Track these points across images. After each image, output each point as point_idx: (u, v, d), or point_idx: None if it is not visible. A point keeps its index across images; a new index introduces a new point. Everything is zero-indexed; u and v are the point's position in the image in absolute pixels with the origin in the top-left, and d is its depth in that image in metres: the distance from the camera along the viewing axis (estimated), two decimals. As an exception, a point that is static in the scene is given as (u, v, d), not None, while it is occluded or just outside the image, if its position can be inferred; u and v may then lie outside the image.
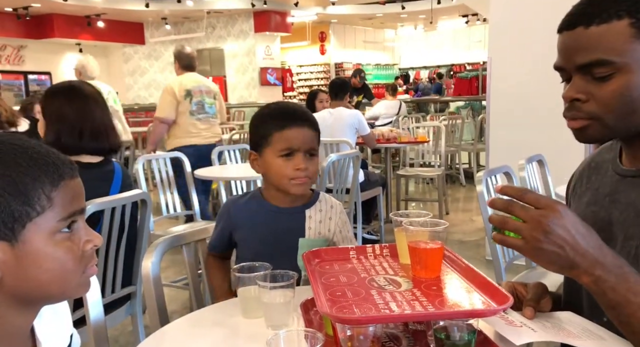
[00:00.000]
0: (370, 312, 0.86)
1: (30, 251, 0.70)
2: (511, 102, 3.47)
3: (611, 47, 0.83)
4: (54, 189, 0.71)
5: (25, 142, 0.73)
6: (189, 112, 4.05)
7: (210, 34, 14.40)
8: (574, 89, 0.88)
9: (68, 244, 0.73)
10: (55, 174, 0.72)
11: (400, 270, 1.08)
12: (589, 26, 0.85)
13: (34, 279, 0.71)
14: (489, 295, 0.90)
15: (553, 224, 0.76)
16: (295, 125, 1.34)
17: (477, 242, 4.12)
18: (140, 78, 15.03)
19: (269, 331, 1.02)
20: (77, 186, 0.75)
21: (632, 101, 0.84)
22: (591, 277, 0.78)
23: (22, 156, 0.70)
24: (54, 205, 0.71)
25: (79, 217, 0.75)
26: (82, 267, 0.75)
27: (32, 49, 13.37)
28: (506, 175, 2.18)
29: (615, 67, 0.84)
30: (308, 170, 1.34)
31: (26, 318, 0.77)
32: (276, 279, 1.06)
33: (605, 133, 0.89)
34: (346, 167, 3.26)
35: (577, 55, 0.87)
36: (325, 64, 17.29)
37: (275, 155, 1.34)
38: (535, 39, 3.22)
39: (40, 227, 0.70)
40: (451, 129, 6.53)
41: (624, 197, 0.91)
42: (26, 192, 0.69)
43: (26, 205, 0.69)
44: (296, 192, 1.36)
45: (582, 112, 0.88)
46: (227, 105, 11.33)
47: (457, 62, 17.53)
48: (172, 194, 3.15)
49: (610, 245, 0.91)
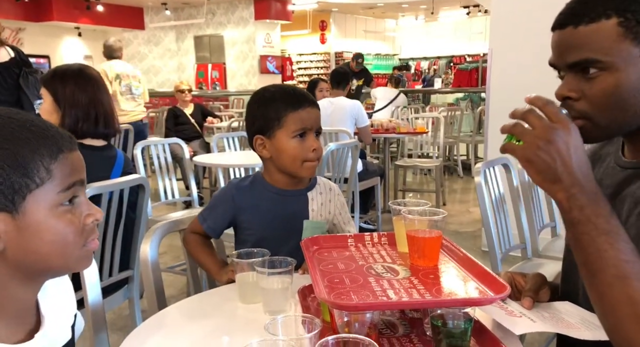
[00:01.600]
0: (368, 299, 0.87)
1: (31, 223, 0.71)
2: (511, 94, 3.44)
3: (599, 46, 0.84)
4: (52, 161, 0.72)
5: (23, 116, 0.73)
6: (119, 93, 4.95)
7: (210, 20, 14.31)
8: (566, 87, 0.89)
9: (69, 216, 0.74)
10: (54, 146, 0.73)
11: (398, 258, 1.09)
12: (577, 26, 0.86)
13: (35, 251, 0.72)
14: (486, 284, 0.91)
15: (558, 137, 0.80)
16: (306, 106, 1.34)
17: (474, 234, 4.13)
18: (139, 63, 14.92)
19: (266, 316, 1.03)
20: (76, 158, 0.76)
21: (622, 100, 0.85)
22: (566, 194, 0.81)
23: (21, 129, 0.71)
24: (53, 177, 0.72)
25: (79, 191, 0.76)
26: (82, 241, 0.76)
27: (31, 32, 13.25)
28: (504, 167, 2.18)
29: (603, 66, 0.84)
30: (318, 150, 1.35)
31: (30, 291, 0.78)
32: (274, 265, 1.07)
33: (599, 134, 0.90)
34: (345, 157, 3.26)
35: (567, 54, 0.88)
36: (325, 53, 17.21)
37: (289, 136, 1.33)
38: (537, 32, 3.20)
39: (41, 199, 0.71)
40: (450, 121, 6.53)
41: (624, 189, 0.92)
42: (25, 164, 0.70)
43: (25, 177, 0.70)
44: (307, 175, 1.37)
45: (574, 110, 0.89)
46: (225, 93, 11.29)
47: (457, 53, 17.46)
48: (170, 180, 3.15)
49: None
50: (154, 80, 15.10)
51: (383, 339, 0.92)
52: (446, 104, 9.88)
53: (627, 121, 0.87)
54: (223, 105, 9.27)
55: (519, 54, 3.38)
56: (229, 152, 3.63)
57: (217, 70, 14.51)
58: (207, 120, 5.40)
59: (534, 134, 0.82)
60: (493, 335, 0.90)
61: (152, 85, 14.55)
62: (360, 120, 4.07)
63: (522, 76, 3.36)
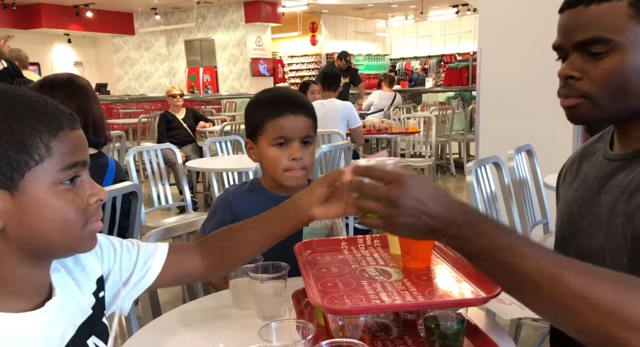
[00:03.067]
0: (361, 302, 0.87)
1: (31, 200, 0.69)
2: (501, 92, 3.49)
3: (610, 25, 0.85)
4: (52, 139, 0.70)
5: (22, 92, 0.72)
6: None
7: (200, 24, 14.30)
8: (570, 66, 0.90)
9: (70, 195, 0.72)
10: (54, 123, 0.71)
11: (391, 260, 1.09)
12: (589, 5, 0.86)
13: (36, 229, 0.71)
14: (477, 284, 0.92)
15: (402, 197, 0.76)
16: (288, 113, 1.29)
17: (468, 232, 4.15)
18: (130, 69, 14.92)
19: (261, 321, 1.03)
20: (77, 137, 0.74)
21: (625, 81, 0.86)
22: (448, 236, 0.78)
23: (19, 105, 0.70)
24: (52, 155, 0.70)
25: (81, 170, 0.74)
26: (85, 220, 0.74)
27: (20, 39, 13.08)
28: (495, 165, 2.20)
29: (611, 46, 0.85)
30: (303, 160, 1.31)
31: (38, 270, 0.76)
32: (268, 270, 1.07)
33: (596, 113, 0.90)
34: (337, 158, 3.27)
35: (575, 32, 0.88)
36: (316, 55, 17.23)
37: (269, 144, 1.31)
38: (525, 30, 3.24)
39: (40, 177, 0.69)
40: (442, 120, 6.55)
41: (611, 180, 0.92)
42: (23, 140, 0.68)
43: (24, 153, 0.68)
44: (290, 184, 1.33)
45: (575, 89, 0.90)
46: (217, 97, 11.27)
47: (447, 52, 17.53)
48: (163, 185, 3.15)
49: (595, 226, 0.92)
50: (145, 85, 15.07)
51: (377, 341, 0.93)
52: (438, 103, 9.91)
53: (627, 103, 0.88)
54: (215, 109, 9.27)
55: (508, 52, 3.40)
56: (221, 156, 3.62)
57: (208, 74, 14.50)
58: (199, 125, 5.39)
59: (382, 206, 0.77)
60: (486, 335, 0.90)
61: (143, 90, 14.53)
62: (353, 121, 4.09)
63: (512, 74, 3.39)
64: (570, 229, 1.00)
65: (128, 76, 14.89)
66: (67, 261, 0.84)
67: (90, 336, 0.81)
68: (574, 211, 0.99)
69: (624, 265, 0.87)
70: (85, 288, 0.85)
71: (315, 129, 1.36)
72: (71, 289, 0.82)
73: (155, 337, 1.02)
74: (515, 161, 2.26)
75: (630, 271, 0.84)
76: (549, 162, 2.09)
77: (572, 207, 1.00)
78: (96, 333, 0.83)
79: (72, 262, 0.85)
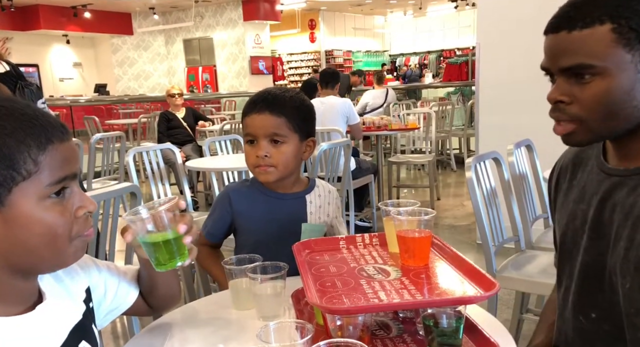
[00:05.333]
0: (360, 302, 0.87)
1: (18, 215, 0.68)
2: (500, 87, 3.48)
3: (592, 51, 0.84)
4: (40, 153, 0.69)
5: (13, 104, 0.70)
6: None
7: (199, 23, 14.29)
8: (558, 91, 0.90)
9: (59, 209, 0.72)
10: (43, 137, 0.69)
11: (389, 259, 1.09)
12: (572, 30, 0.86)
13: (23, 243, 0.70)
14: (476, 282, 0.92)
15: None
16: (253, 112, 1.32)
17: (468, 227, 4.15)
18: (129, 69, 14.92)
19: (261, 322, 1.03)
20: (68, 149, 0.72)
21: (613, 104, 0.86)
22: None
23: (7, 118, 0.68)
24: (41, 169, 0.69)
25: (71, 183, 0.73)
26: (74, 233, 0.74)
27: (18, 41, 13.19)
28: (495, 161, 2.19)
29: (596, 71, 0.85)
30: (271, 158, 1.31)
31: (27, 281, 0.76)
32: (266, 270, 1.07)
33: (591, 137, 0.91)
34: (337, 156, 3.27)
35: (560, 58, 0.88)
36: (315, 52, 17.22)
37: (244, 141, 1.35)
38: (524, 24, 3.22)
39: (28, 192, 0.68)
40: (442, 115, 6.54)
41: (612, 197, 0.92)
42: (11, 155, 0.67)
43: (11, 169, 0.67)
44: (263, 180, 1.36)
45: (566, 114, 0.90)
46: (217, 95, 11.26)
47: (447, 47, 17.50)
48: (163, 186, 3.14)
49: (602, 244, 0.92)
50: (144, 85, 15.08)
51: (376, 340, 0.93)
52: (437, 98, 9.90)
53: (618, 125, 0.88)
54: (215, 108, 9.26)
55: (507, 47, 3.39)
56: (221, 155, 3.62)
57: (207, 72, 14.50)
58: (199, 124, 5.39)
59: None
60: (485, 332, 0.90)
61: (143, 90, 14.54)
62: (352, 118, 4.09)
63: (511, 69, 3.38)
64: (575, 244, 1.00)
65: (127, 76, 14.89)
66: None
67: (81, 341, 0.82)
68: (576, 226, 0.99)
69: (626, 289, 0.87)
70: (75, 295, 0.86)
71: (295, 128, 1.33)
72: (61, 295, 0.83)
73: (156, 338, 1.02)
74: (514, 156, 2.25)
75: (630, 297, 0.85)
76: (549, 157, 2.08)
77: (574, 222, 1.00)
78: (87, 339, 0.83)
79: (62, 270, 0.85)
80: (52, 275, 0.83)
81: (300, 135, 1.35)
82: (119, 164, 4.35)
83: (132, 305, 1.00)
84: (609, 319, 0.92)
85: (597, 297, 0.94)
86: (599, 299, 0.94)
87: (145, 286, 1.01)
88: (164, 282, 1.02)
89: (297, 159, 1.36)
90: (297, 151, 1.35)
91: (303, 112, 1.37)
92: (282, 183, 1.37)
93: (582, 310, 0.97)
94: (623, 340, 0.89)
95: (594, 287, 0.94)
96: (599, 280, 0.93)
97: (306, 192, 1.41)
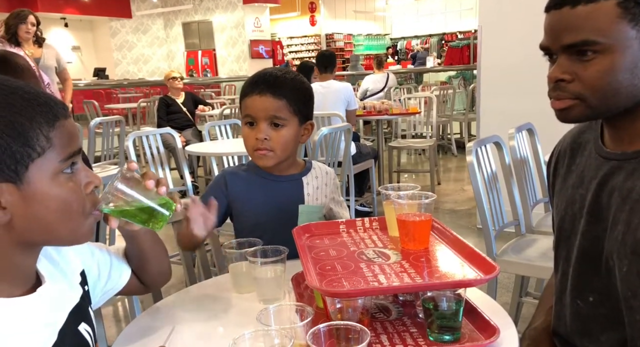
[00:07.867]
0: (359, 285, 0.88)
1: (36, 192, 0.70)
2: (502, 71, 3.45)
3: (597, 27, 0.83)
4: (51, 129, 0.71)
5: (13, 83, 0.72)
6: None
7: (198, 6, 14.15)
8: (559, 69, 0.88)
9: (71, 185, 0.74)
10: (50, 114, 0.71)
11: (389, 242, 1.10)
12: (575, 5, 0.84)
13: (42, 220, 0.72)
14: (475, 265, 0.92)
15: None
16: (254, 93, 1.30)
17: (469, 211, 4.16)
18: (128, 53, 14.80)
19: (261, 305, 1.04)
20: (71, 126, 0.74)
21: (616, 81, 0.85)
22: None
23: (14, 97, 0.69)
24: (53, 145, 0.71)
25: (77, 158, 0.75)
26: (87, 209, 0.76)
27: (16, 24, 13.07)
28: (496, 145, 2.19)
29: (600, 48, 0.83)
30: (271, 141, 1.30)
31: (30, 259, 0.77)
32: (266, 254, 1.07)
33: (588, 113, 0.89)
34: (338, 141, 3.26)
35: (563, 35, 0.86)
36: (316, 35, 17.08)
37: (243, 123, 1.34)
38: (526, 7, 3.19)
39: (43, 168, 0.70)
40: (443, 99, 6.50)
41: (610, 181, 0.92)
42: (24, 132, 0.68)
43: (26, 146, 0.68)
44: (259, 163, 1.34)
45: (567, 92, 0.88)
46: (217, 80, 11.18)
47: (448, 30, 17.35)
48: (163, 170, 3.14)
49: (600, 228, 0.92)
50: (143, 69, 14.97)
51: (376, 323, 0.93)
52: (439, 82, 9.84)
53: (619, 102, 0.87)
54: (214, 93, 9.21)
55: (508, 30, 3.36)
56: (221, 140, 3.61)
57: (207, 56, 14.40)
58: (199, 109, 5.37)
59: None
60: (484, 315, 0.91)
61: (142, 74, 14.44)
62: (352, 103, 4.07)
63: (513, 52, 3.35)
64: (572, 229, 0.99)
65: (126, 60, 14.77)
66: (51, 253, 0.85)
67: (81, 323, 0.83)
68: (575, 210, 0.99)
69: (623, 273, 0.87)
70: (71, 278, 0.87)
71: (295, 111, 1.32)
72: (58, 278, 0.84)
73: (157, 321, 1.02)
74: (515, 140, 2.24)
75: (627, 280, 0.85)
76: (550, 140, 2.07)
77: (573, 207, 0.99)
78: (85, 320, 0.85)
79: (57, 254, 0.86)
80: (47, 258, 0.84)
81: (299, 118, 1.34)
82: (119, 148, 4.35)
83: (126, 284, 1.00)
84: (606, 302, 0.93)
85: (594, 281, 0.94)
86: (597, 283, 0.94)
87: (136, 263, 1.02)
88: (154, 256, 1.03)
89: (295, 142, 1.35)
90: (296, 135, 1.34)
91: (303, 94, 1.36)
92: (279, 166, 1.37)
93: (580, 294, 0.97)
94: (621, 323, 0.89)
95: (591, 271, 0.95)
96: (597, 264, 0.93)
97: (302, 174, 1.41)
